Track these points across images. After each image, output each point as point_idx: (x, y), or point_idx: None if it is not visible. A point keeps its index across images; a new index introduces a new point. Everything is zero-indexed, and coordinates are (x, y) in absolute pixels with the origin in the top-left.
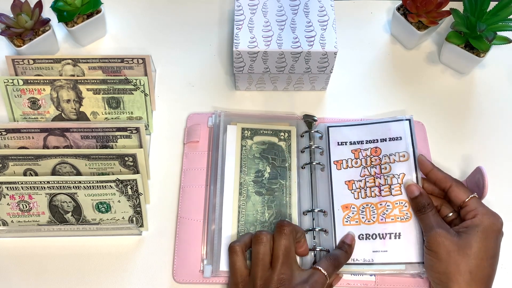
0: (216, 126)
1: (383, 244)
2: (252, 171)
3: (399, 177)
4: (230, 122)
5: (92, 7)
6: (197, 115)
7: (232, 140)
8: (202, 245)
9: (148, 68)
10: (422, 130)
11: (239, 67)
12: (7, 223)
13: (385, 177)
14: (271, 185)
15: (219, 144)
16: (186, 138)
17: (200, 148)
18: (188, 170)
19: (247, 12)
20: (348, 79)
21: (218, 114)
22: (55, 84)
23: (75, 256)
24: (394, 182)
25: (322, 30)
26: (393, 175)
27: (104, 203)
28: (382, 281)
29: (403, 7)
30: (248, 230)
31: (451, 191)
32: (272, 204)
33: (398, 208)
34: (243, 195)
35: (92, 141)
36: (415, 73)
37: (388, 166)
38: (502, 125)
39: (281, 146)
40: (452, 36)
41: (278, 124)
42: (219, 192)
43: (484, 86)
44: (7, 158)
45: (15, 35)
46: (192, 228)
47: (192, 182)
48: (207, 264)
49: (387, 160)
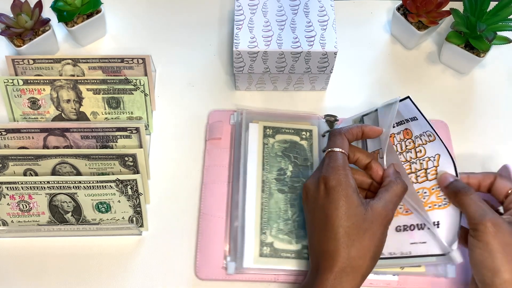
0: (238, 124)
1: (421, 235)
2: (274, 169)
3: (435, 159)
4: (252, 120)
5: (92, 7)
6: (218, 112)
7: (254, 138)
8: (225, 241)
9: (148, 68)
10: (445, 129)
11: (239, 67)
12: (7, 223)
13: (420, 161)
14: (294, 183)
15: (241, 142)
16: (208, 134)
17: (222, 145)
18: (211, 166)
19: (247, 12)
20: (348, 79)
21: (240, 112)
22: (55, 84)
23: (75, 256)
24: (430, 166)
25: (322, 30)
26: (428, 158)
27: (104, 203)
28: (405, 281)
29: (403, 7)
30: (271, 227)
31: (496, 183)
32: (295, 202)
33: (435, 194)
34: (265, 193)
35: (92, 141)
36: (415, 73)
37: (422, 148)
38: (502, 125)
39: (303, 145)
40: (452, 36)
41: (299, 123)
42: (241, 189)
43: (484, 86)
44: (7, 158)
45: (15, 35)
46: (215, 224)
47: (214, 179)
48: (231, 261)
49: (420, 141)
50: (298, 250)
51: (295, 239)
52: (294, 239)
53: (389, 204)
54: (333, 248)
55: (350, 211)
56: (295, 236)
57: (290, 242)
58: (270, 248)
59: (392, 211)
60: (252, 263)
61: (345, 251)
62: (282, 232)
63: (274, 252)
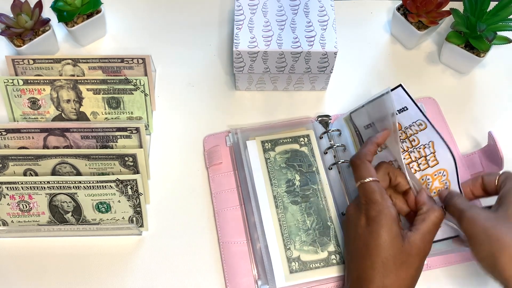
0: (236, 144)
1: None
2: (282, 182)
3: (430, 145)
4: (248, 137)
5: (92, 7)
6: (212, 137)
7: (255, 155)
8: (252, 265)
9: (148, 68)
10: (435, 106)
11: (239, 67)
12: (7, 223)
13: (418, 150)
14: (305, 192)
15: (243, 162)
16: (208, 162)
17: (224, 169)
18: (218, 193)
19: (247, 12)
20: (348, 79)
21: (235, 131)
22: (55, 84)
23: (75, 256)
24: (427, 153)
25: (322, 30)
26: (423, 145)
27: (104, 203)
28: (433, 262)
29: (403, 7)
30: (294, 241)
31: (485, 181)
32: (311, 210)
33: (437, 179)
34: (279, 208)
35: (92, 141)
36: (415, 73)
37: (415, 138)
38: (502, 125)
39: (304, 152)
40: (452, 36)
41: (295, 130)
42: (255, 210)
43: (484, 86)
44: (7, 158)
45: (15, 35)
46: (237, 250)
47: (225, 205)
48: (263, 284)
49: (411, 131)
50: (326, 258)
51: (320, 247)
52: (319, 247)
53: (426, 236)
54: (369, 277)
55: (389, 243)
56: (319, 244)
57: (316, 251)
58: (298, 262)
59: (430, 242)
60: (284, 281)
61: (380, 281)
62: (305, 243)
63: (303, 266)
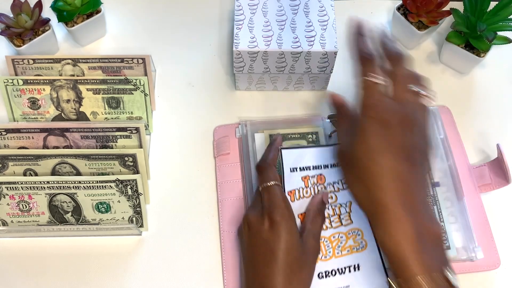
0: (244, 136)
1: (344, 279)
2: None
3: (347, 205)
4: (257, 130)
5: (92, 7)
6: (223, 127)
7: (262, 148)
8: None
9: (148, 68)
10: (449, 115)
11: (239, 67)
12: (7, 223)
13: (333, 207)
14: None
15: (250, 154)
16: (216, 151)
17: (231, 159)
18: (223, 183)
19: (247, 12)
20: (348, 79)
21: (244, 123)
22: (55, 84)
23: (75, 256)
24: (342, 212)
25: (322, 30)
26: (340, 204)
27: (104, 203)
28: None
29: (403, 7)
30: None
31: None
32: None
33: (352, 238)
34: None
35: (92, 141)
36: None
37: (333, 195)
38: (502, 125)
39: None
40: (452, 36)
41: (303, 126)
42: None
43: (484, 86)
44: (7, 158)
45: (15, 35)
46: (237, 241)
47: (229, 195)
48: None
49: (332, 189)
50: None
51: None
52: None
53: (317, 235)
54: (276, 284)
55: (294, 245)
56: None
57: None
58: None
59: (319, 240)
60: None
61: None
62: None
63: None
